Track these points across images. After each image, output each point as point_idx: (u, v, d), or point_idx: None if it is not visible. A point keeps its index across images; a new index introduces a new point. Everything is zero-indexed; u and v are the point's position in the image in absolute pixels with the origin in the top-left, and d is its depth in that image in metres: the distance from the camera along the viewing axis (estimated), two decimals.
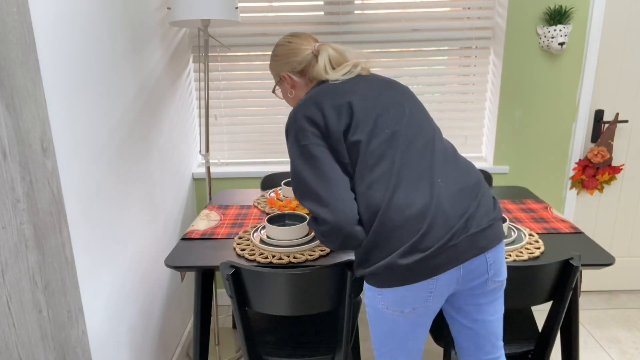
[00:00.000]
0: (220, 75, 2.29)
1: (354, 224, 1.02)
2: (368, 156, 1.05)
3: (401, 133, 1.08)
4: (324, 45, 1.24)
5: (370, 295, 1.09)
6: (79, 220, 1.20)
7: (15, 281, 0.91)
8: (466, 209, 1.02)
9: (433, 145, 1.09)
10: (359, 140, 1.06)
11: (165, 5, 1.90)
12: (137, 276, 1.60)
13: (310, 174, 1.05)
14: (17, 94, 0.92)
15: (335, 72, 1.19)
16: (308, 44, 1.25)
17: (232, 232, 1.55)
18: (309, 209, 1.06)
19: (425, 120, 1.14)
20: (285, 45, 1.27)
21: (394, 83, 1.21)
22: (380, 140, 1.06)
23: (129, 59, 1.54)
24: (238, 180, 2.35)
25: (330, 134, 1.07)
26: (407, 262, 0.98)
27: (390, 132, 1.07)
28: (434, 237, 0.98)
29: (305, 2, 2.20)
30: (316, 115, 1.08)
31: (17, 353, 0.92)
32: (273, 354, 1.39)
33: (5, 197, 0.88)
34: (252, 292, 1.25)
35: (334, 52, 1.23)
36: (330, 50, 1.22)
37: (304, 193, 1.07)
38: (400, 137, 1.07)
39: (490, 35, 2.24)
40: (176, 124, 2.05)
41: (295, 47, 1.25)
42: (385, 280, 1.02)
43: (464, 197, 1.04)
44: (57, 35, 1.11)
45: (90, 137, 1.27)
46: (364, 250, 1.04)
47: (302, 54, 1.24)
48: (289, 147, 1.12)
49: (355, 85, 1.15)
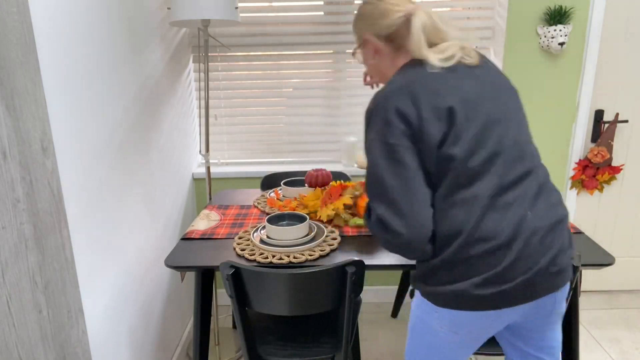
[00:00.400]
0: (220, 75, 2.29)
1: (426, 242, 0.94)
2: (461, 174, 0.92)
3: (503, 155, 0.94)
4: (419, 10, 1.03)
5: (424, 309, 1.02)
6: (79, 220, 1.20)
7: (15, 281, 0.91)
8: (551, 247, 0.94)
9: (531, 174, 0.97)
10: (454, 155, 0.92)
11: (165, 5, 1.90)
12: (137, 276, 1.60)
13: (393, 179, 0.93)
14: (17, 94, 0.92)
15: (434, 53, 0.99)
16: (401, 5, 1.05)
17: (232, 232, 1.55)
18: (380, 214, 0.95)
19: (529, 142, 1.01)
20: (374, 3, 1.08)
21: (503, 83, 1.03)
22: (479, 160, 0.92)
23: (129, 59, 1.54)
24: (238, 180, 2.35)
25: (424, 139, 0.92)
26: (481, 293, 0.91)
27: (491, 151, 0.93)
28: (516, 272, 0.91)
29: (305, 2, 2.20)
30: (411, 112, 0.92)
31: (17, 353, 0.92)
32: (273, 354, 1.39)
33: (5, 197, 0.88)
34: (252, 292, 1.25)
35: (430, 21, 1.03)
36: (424, 18, 1.02)
37: (380, 196, 0.95)
38: (501, 159, 0.93)
39: (490, 35, 2.24)
40: (176, 124, 2.05)
41: (385, 7, 1.05)
42: (450, 302, 0.95)
43: (552, 234, 0.95)
44: (57, 35, 1.11)
45: (90, 137, 1.27)
46: (431, 267, 0.96)
47: (392, 16, 1.04)
48: (370, 138, 0.97)
49: (459, 81, 0.96)
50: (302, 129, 2.37)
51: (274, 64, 2.28)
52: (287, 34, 2.23)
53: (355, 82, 2.31)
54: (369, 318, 2.36)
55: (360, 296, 1.60)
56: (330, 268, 1.21)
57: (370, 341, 2.18)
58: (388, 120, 0.93)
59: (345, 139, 2.30)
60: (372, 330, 2.26)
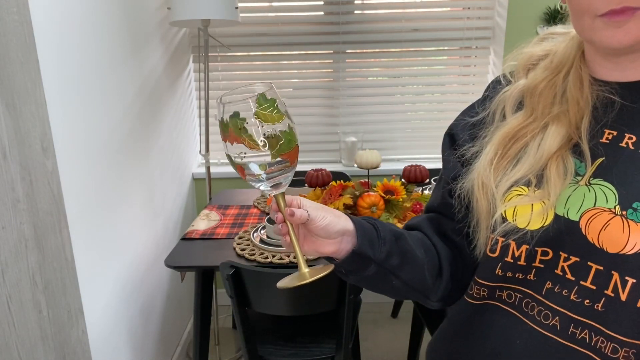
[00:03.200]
0: (220, 75, 2.29)
1: None
2: None
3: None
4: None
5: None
6: (79, 220, 1.20)
7: (15, 281, 0.91)
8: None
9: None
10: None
11: (165, 5, 1.90)
12: (137, 276, 1.60)
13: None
14: (17, 94, 0.92)
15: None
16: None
17: (232, 232, 1.55)
18: None
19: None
20: None
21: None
22: None
23: (129, 59, 1.54)
24: (238, 180, 2.35)
25: None
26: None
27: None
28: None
29: (305, 2, 2.20)
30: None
31: (17, 353, 0.92)
32: (273, 354, 1.39)
33: (5, 197, 0.88)
34: (252, 292, 1.25)
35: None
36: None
37: None
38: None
39: (490, 35, 2.24)
40: (176, 124, 2.05)
41: None
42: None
43: None
44: (57, 35, 1.11)
45: (90, 137, 1.27)
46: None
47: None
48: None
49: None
50: (302, 129, 2.37)
51: (274, 64, 2.28)
52: (287, 34, 2.23)
53: (355, 82, 2.31)
54: (369, 318, 2.36)
55: (360, 296, 1.60)
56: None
57: (370, 341, 2.18)
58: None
59: (345, 139, 2.30)
60: (372, 330, 2.26)
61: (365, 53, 2.30)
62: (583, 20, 0.54)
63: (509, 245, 0.59)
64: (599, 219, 0.53)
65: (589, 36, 0.54)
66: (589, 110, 0.58)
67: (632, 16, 0.50)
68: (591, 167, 0.55)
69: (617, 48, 0.52)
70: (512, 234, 0.58)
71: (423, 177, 1.69)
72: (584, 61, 0.61)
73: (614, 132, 0.56)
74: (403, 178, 1.71)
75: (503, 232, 0.59)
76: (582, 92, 0.59)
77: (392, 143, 2.40)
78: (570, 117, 0.59)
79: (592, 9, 0.52)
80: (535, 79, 0.64)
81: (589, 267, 0.53)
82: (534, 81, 0.64)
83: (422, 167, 1.70)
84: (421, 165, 1.71)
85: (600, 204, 0.53)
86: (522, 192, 0.58)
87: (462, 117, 0.75)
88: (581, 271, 0.54)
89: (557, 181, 0.56)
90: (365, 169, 1.65)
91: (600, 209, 0.53)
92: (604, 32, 0.52)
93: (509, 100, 0.66)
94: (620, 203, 0.52)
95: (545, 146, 0.58)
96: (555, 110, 0.60)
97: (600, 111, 0.58)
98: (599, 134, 0.57)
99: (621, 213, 0.51)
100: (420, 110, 2.36)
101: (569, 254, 0.55)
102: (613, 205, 0.53)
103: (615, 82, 0.58)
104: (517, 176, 0.59)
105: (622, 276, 0.51)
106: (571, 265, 0.55)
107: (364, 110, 2.35)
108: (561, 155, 0.57)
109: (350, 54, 2.29)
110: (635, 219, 0.51)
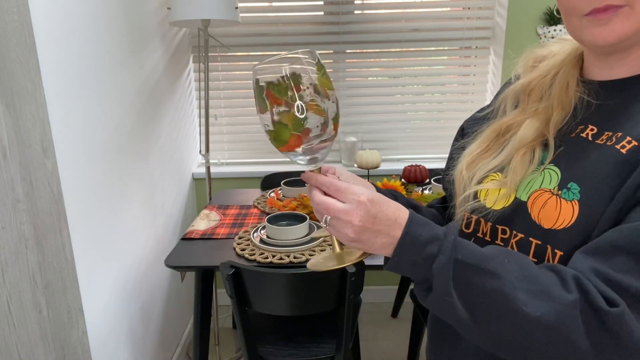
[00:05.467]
0: (220, 75, 2.29)
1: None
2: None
3: None
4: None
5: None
6: (79, 220, 1.20)
7: (15, 281, 0.91)
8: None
9: None
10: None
11: (165, 5, 1.90)
12: (137, 276, 1.60)
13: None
14: (17, 94, 0.92)
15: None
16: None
17: (232, 232, 1.55)
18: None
19: None
20: None
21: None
22: None
23: (129, 59, 1.54)
24: (238, 180, 2.35)
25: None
26: None
27: None
28: None
29: (305, 2, 2.20)
30: None
31: (17, 353, 0.92)
32: (273, 354, 1.39)
33: (5, 197, 0.88)
34: (252, 292, 1.25)
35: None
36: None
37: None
38: None
39: (490, 35, 2.24)
40: (176, 124, 2.05)
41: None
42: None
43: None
44: (57, 35, 1.11)
45: (90, 137, 1.27)
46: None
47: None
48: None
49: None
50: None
51: None
52: (287, 34, 2.23)
53: (355, 82, 2.31)
54: (369, 318, 2.36)
55: (360, 296, 1.60)
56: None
57: (370, 341, 2.18)
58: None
59: (345, 139, 2.30)
60: (372, 330, 2.26)
61: (365, 53, 2.30)
62: (572, 21, 0.57)
63: (479, 222, 0.66)
64: (540, 199, 0.58)
65: (578, 36, 0.57)
66: (570, 108, 0.62)
67: (615, 13, 0.52)
68: (551, 156, 0.60)
69: (603, 46, 0.55)
70: (478, 211, 0.65)
71: (423, 177, 1.69)
72: (575, 63, 0.65)
73: (582, 126, 0.60)
74: (403, 178, 1.71)
75: (472, 209, 0.66)
76: (566, 92, 0.63)
77: (392, 143, 2.40)
78: (548, 114, 0.64)
79: (578, 10, 0.54)
80: (530, 78, 0.68)
81: (530, 243, 0.59)
82: (529, 80, 0.68)
83: (422, 167, 1.70)
84: (421, 165, 1.71)
85: (544, 186, 0.59)
86: (495, 178, 0.65)
87: (475, 112, 0.82)
88: (525, 247, 0.59)
89: (518, 168, 0.62)
90: (366, 169, 1.65)
91: (543, 189, 0.59)
92: (590, 31, 0.54)
93: (509, 98, 0.71)
94: (559, 184, 0.57)
95: (518, 138, 0.64)
96: (539, 107, 0.65)
97: (579, 109, 0.62)
98: (572, 129, 0.61)
99: (557, 192, 0.57)
100: (420, 110, 2.36)
101: (518, 231, 0.60)
102: (554, 186, 0.58)
103: (597, 81, 0.61)
104: (494, 164, 0.66)
105: (552, 249, 0.56)
106: (518, 241, 0.60)
107: (364, 110, 2.35)
108: (532, 147, 0.63)
109: (350, 54, 2.29)
110: (566, 197, 0.56)
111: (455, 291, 0.52)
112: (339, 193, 0.56)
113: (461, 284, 0.52)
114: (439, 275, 0.52)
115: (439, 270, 0.51)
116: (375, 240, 0.56)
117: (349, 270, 1.21)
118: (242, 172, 2.32)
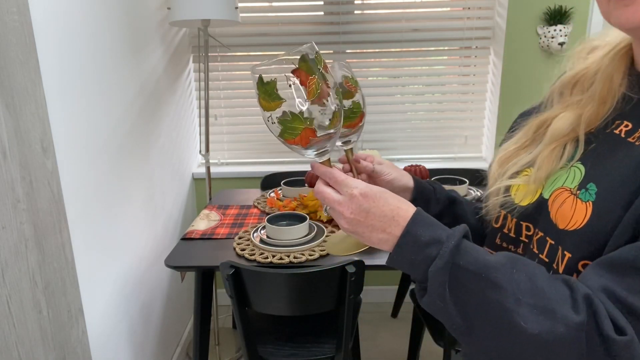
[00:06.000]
0: (220, 75, 2.29)
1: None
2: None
3: None
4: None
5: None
6: (79, 220, 1.20)
7: (15, 281, 0.91)
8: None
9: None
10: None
11: (165, 5, 1.90)
12: (137, 276, 1.60)
13: None
14: (17, 94, 0.92)
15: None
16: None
17: (232, 232, 1.55)
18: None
19: None
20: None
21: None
22: None
23: (129, 59, 1.54)
24: (238, 180, 2.35)
25: None
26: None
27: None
28: None
29: (305, 2, 2.20)
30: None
31: (17, 353, 0.92)
32: (273, 354, 1.39)
33: (5, 197, 0.88)
34: (252, 292, 1.25)
35: None
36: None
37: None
38: None
39: (490, 35, 2.24)
40: (176, 124, 2.05)
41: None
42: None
43: None
44: (57, 35, 1.11)
45: (90, 137, 1.27)
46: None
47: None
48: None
49: None
50: None
51: None
52: (287, 34, 2.23)
53: None
54: (369, 318, 2.36)
55: (360, 296, 1.60)
56: (330, 268, 1.21)
57: (370, 341, 2.18)
58: None
59: None
60: (372, 330, 2.26)
61: (365, 53, 2.30)
62: (602, 4, 0.54)
63: (507, 217, 0.64)
64: (560, 198, 0.56)
65: (607, 19, 0.54)
66: (611, 103, 0.58)
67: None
68: (581, 153, 0.57)
69: (627, 27, 0.52)
70: (506, 206, 0.64)
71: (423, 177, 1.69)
72: (624, 54, 0.60)
73: (618, 121, 0.57)
74: None
75: (501, 203, 0.64)
76: (610, 85, 0.59)
77: (392, 143, 2.40)
78: (584, 109, 0.60)
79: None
80: (577, 70, 0.64)
81: (546, 242, 0.57)
82: (575, 72, 0.64)
83: (422, 167, 1.70)
84: (421, 165, 1.71)
85: (567, 184, 0.56)
86: (527, 173, 0.62)
87: (532, 106, 0.77)
88: (542, 245, 0.58)
89: (544, 164, 0.60)
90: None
91: (563, 188, 0.56)
92: (616, 12, 0.52)
93: (556, 91, 0.67)
94: (580, 183, 0.54)
95: (550, 132, 0.61)
96: (579, 101, 0.61)
97: (620, 103, 0.58)
98: (608, 125, 0.58)
99: (575, 192, 0.54)
100: (420, 110, 2.36)
101: (539, 229, 0.59)
102: (575, 185, 0.55)
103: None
104: (527, 159, 0.63)
105: (562, 250, 0.54)
106: (538, 239, 0.59)
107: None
108: (564, 142, 0.60)
109: (350, 54, 2.29)
110: (583, 198, 0.53)
111: (451, 297, 0.50)
112: (336, 184, 0.58)
113: (458, 291, 0.50)
114: (434, 278, 0.51)
115: (433, 274, 0.51)
116: (371, 235, 0.56)
117: (349, 270, 1.21)
118: (242, 172, 2.32)
